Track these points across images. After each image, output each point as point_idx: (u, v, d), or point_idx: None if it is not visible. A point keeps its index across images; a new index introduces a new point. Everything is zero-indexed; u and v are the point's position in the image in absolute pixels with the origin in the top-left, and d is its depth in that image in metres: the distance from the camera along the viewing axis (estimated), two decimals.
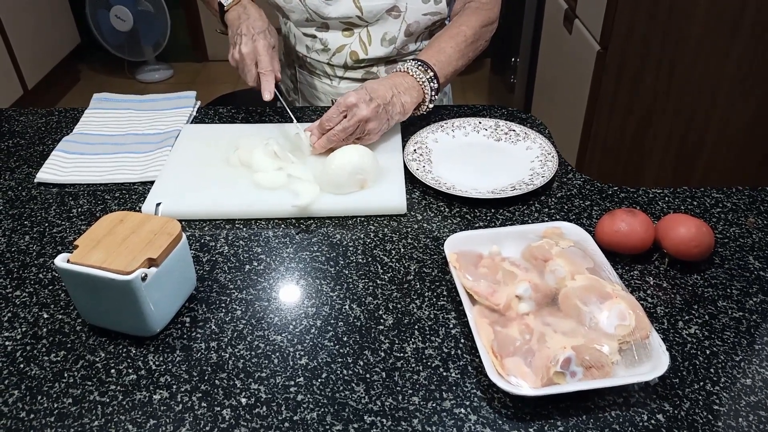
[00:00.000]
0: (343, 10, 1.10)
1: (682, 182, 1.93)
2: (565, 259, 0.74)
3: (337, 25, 1.14)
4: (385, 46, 1.15)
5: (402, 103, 1.01)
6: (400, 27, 1.14)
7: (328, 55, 1.18)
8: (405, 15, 1.12)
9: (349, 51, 1.16)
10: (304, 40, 1.19)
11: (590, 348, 0.64)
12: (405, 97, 1.01)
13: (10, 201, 0.94)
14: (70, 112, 1.17)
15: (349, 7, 1.10)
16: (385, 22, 1.13)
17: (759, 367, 0.68)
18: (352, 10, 1.10)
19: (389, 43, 1.15)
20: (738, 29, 1.65)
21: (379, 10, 1.10)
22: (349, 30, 1.14)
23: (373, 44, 1.15)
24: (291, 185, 0.92)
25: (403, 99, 1.01)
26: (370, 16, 1.11)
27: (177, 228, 0.71)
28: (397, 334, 0.72)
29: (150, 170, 0.99)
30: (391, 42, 1.15)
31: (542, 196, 0.93)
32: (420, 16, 1.13)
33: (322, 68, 1.21)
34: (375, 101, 0.97)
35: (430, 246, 0.84)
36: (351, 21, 1.12)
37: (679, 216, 0.81)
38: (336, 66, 1.19)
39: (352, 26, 1.14)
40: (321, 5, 1.11)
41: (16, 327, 0.73)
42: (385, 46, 1.15)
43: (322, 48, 1.17)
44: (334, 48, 1.16)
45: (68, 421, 0.63)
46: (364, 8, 1.10)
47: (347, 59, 1.17)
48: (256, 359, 0.69)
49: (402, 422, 0.62)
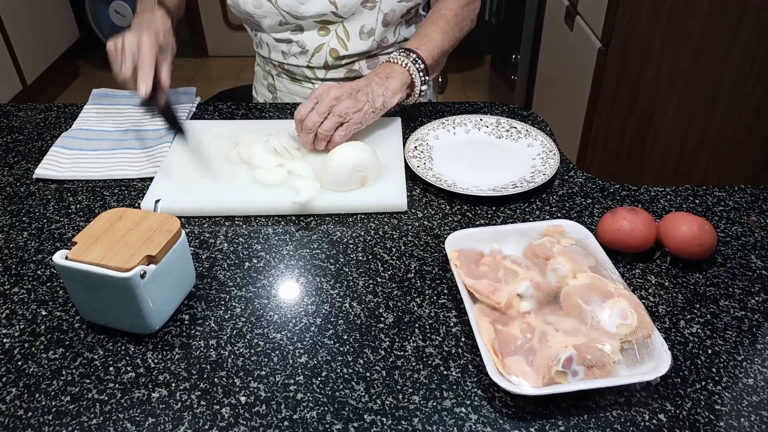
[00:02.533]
0: (317, 8, 1.09)
1: (684, 180, 1.93)
2: (566, 257, 0.74)
3: (312, 24, 1.12)
4: (365, 39, 1.14)
5: (386, 88, 1.00)
6: (377, 18, 1.13)
7: (306, 57, 1.16)
8: (380, 5, 1.11)
9: (329, 49, 1.14)
10: (279, 47, 1.17)
11: (592, 347, 0.64)
12: (389, 82, 1.00)
13: (9, 197, 0.94)
14: (69, 108, 1.17)
15: (323, 3, 1.08)
16: (361, 15, 1.12)
17: (761, 366, 0.67)
18: (327, 6, 1.09)
19: (368, 35, 1.14)
20: (740, 27, 1.64)
21: (354, 3, 1.09)
22: (324, 28, 1.13)
23: (352, 39, 1.14)
24: (291, 182, 0.91)
25: (387, 84, 1.00)
26: (345, 11, 1.10)
27: (176, 225, 0.71)
28: (398, 332, 0.71)
29: (149, 166, 0.98)
30: (370, 34, 1.14)
31: (543, 194, 0.93)
32: (395, 4, 1.13)
33: (302, 72, 1.19)
34: (348, 86, 0.97)
35: (430, 244, 0.84)
36: (326, 18, 1.11)
37: (681, 214, 0.80)
38: (316, 68, 1.18)
39: (327, 23, 1.12)
40: (295, 5, 1.09)
41: (14, 324, 0.73)
42: (364, 39, 1.14)
43: (300, 51, 1.15)
44: (312, 48, 1.14)
45: (66, 419, 0.62)
46: (338, 3, 1.08)
47: (327, 58, 1.15)
48: (255, 357, 0.69)
49: (402, 421, 0.62)
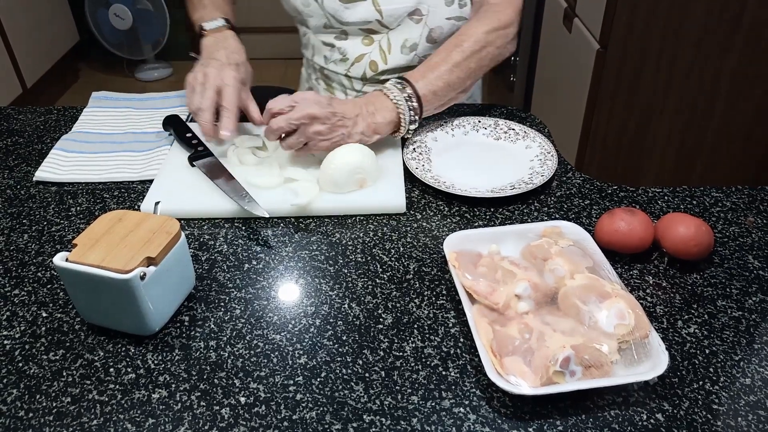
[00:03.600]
0: (361, 14, 1.06)
1: (682, 181, 1.93)
2: (564, 258, 0.74)
3: (357, 32, 1.09)
4: (405, 54, 1.10)
5: (368, 124, 0.94)
6: (421, 33, 1.09)
7: (346, 66, 1.13)
8: (427, 19, 1.07)
9: (369, 61, 1.11)
10: (323, 50, 1.15)
11: (589, 347, 0.64)
12: (377, 117, 0.94)
13: (9, 199, 0.94)
14: (69, 111, 1.17)
15: (368, 10, 1.06)
16: (406, 27, 1.08)
17: (758, 366, 0.68)
18: (372, 14, 1.06)
19: (410, 50, 1.10)
20: (738, 28, 1.65)
21: (400, 14, 1.06)
22: (368, 38, 1.10)
23: (393, 52, 1.10)
24: (289, 184, 0.92)
25: (374, 119, 0.94)
26: (391, 20, 1.06)
27: (176, 227, 0.71)
28: (397, 333, 0.72)
29: (149, 169, 0.98)
30: (412, 49, 1.10)
31: (542, 195, 0.93)
32: (443, 21, 1.08)
33: (339, 80, 1.17)
34: (332, 108, 0.91)
35: (429, 245, 0.84)
36: (370, 27, 1.08)
37: (678, 215, 0.81)
38: (354, 78, 1.15)
39: (372, 33, 1.09)
40: (339, 9, 1.06)
41: (15, 326, 0.73)
42: (405, 54, 1.10)
43: (341, 58, 1.13)
44: (352, 58, 1.12)
45: (67, 420, 0.63)
46: (384, 11, 1.05)
47: (366, 70, 1.12)
48: (255, 358, 0.69)
49: (401, 421, 0.62)
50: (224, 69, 0.98)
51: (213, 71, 0.97)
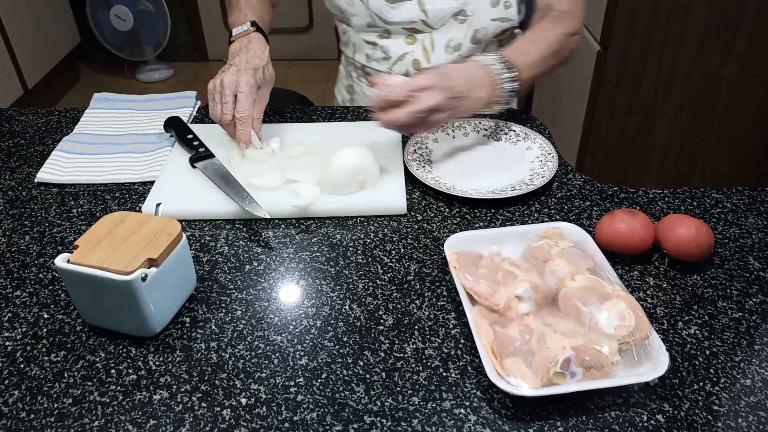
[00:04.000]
0: (407, 14, 1.06)
1: (683, 183, 1.93)
2: (564, 259, 0.74)
3: (400, 31, 1.10)
4: (450, 54, 1.10)
5: (477, 98, 0.91)
6: (466, 33, 1.09)
7: (388, 64, 1.14)
8: (472, 20, 1.07)
9: (412, 59, 1.11)
10: (365, 48, 1.15)
11: (590, 348, 0.64)
12: (481, 91, 0.92)
13: (11, 201, 0.94)
14: (70, 112, 1.17)
15: (413, 10, 1.06)
16: (451, 27, 1.08)
17: (758, 367, 0.68)
18: (417, 14, 1.06)
19: (454, 50, 1.10)
20: (738, 29, 1.65)
21: (445, 14, 1.06)
22: (411, 37, 1.10)
23: (437, 51, 1.10)
24: (290, 185, 0.92)
25: (479, 93, 0.92)
26: (435, 21, 1.07)
27: (177, 228, 0.71)
28: (397, 334, 0.72)
29: (150, 170, 0.99)
30: (456, 49, 1.10)
31: (542, 197, 0.94)
32: (488, 22, 1.08)
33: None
34: (450, 90, 0.87)
35: (430, 246, 0.84)
36: (415, 26, 1.08)
37: (678, 216, 0.81)
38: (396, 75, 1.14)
39: (416, 32, 1.09)
40: (384, 8, 1.07)
41: (17, 327, 0.73)
42: (449, 53, 1.10)
43: (383, 56, 1.13)
44: (395, 56, 1.12)
45: (68, 422, 0.63)
46: (429, 12, 1.05)
47: (409, 68, 1.13)
48: (256, 359, 0.69)
49: (402, 422, 0.62)
50: (240, 75, 0.97)
51: (229, 78, 0.97)
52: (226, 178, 0.92)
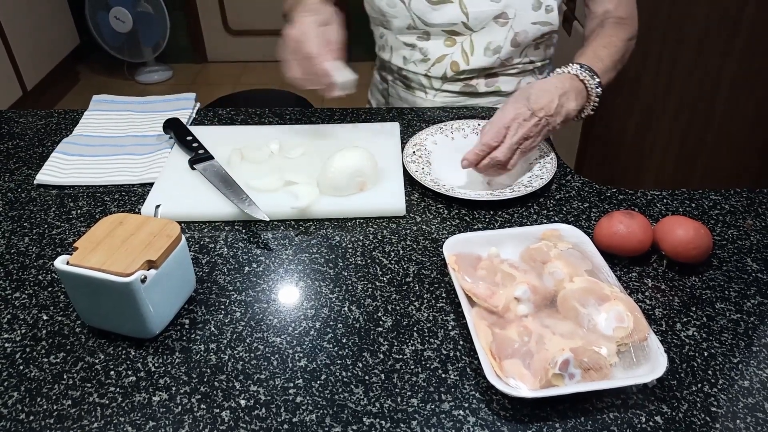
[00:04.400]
0: (448, 16, 1.07)
1: (682, 184, 1.94)
2: (563, 261, 0.74)
3: (440, 33, 1.10)
4: (488, 56, 1.11)
5: (567, 111, 0.93)
6: (506, 36, 1.09)
7: (426, 66, 1.14)
8: (513, 23, 1.08)
9: (450, 61, 1.12)
10: (402, 51, 1.15)
11: (588, 350, 0.64)
12: (572, 103, 0.94)
13: (10, 203, 0.94)
14: (69, 114, 1.17)
15: (455, 12, 1.06)
16: (491, 29, 1.09)
17: (756, 369, 0.68)
18: (458, 16, 1.07)
19: (493, 52, 1.10)
20: (738, 29, 1.65)
21: (486, 17, 1.06)
22: (451, 39, 1.10)
23: (476, 54, 1.10)
24: (289, 187, 0.92)
25: (570, 106, 0.94)
26: (476, 23, 1.07)
27: (176, 230, 0.71)
28: (396, 335, 0.72)
29: (149, 172, 0.99)
30: (496, 51, 1.10)
31: (541, 198, 0.94)
32: (528, 25, 1.09)
33: (419, 80, 1.17)
34: (537, 115, 0.90)
35: (429, 248, 0.85)
36: (455, 29, 1.09)
37: (677, 218, 0.81)
38: (433, 77, 1.15)
39: (455, 34, 1.10)
40: (426, 10, 1.07)
41: (16, 329, 0.73)
42: (488, 56, 1.11)
43: (421, 58, 1.13)
44: (434, 58, 1.12)
45: (68, 423, 0.63)
46: (470, 14, 1.06)
47: (447, 70, 1.13)
48: (255, 361, 0.69)
49: (401, 424, 0.62)
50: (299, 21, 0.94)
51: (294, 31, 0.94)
52: (226, 180, 0.92)
